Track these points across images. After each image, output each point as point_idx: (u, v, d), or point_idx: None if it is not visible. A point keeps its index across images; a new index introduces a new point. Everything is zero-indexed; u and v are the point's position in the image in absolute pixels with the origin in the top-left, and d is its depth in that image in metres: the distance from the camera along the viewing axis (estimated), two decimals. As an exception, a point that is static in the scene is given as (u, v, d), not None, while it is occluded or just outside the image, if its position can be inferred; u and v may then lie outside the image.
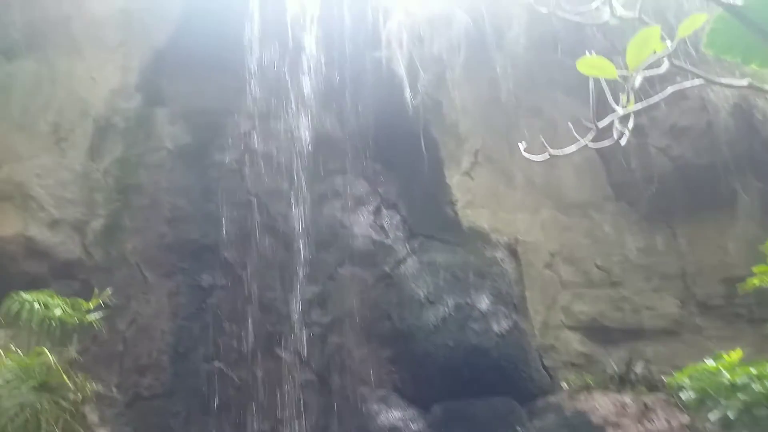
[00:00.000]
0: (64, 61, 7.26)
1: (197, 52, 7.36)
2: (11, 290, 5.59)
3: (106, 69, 7.35)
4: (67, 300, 5.73)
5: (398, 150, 7.53)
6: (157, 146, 7.37)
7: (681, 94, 6.72)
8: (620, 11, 1.70)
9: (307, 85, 7.70)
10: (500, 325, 6.54)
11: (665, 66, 1.70)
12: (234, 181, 7.33)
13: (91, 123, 7.15)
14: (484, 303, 6.65)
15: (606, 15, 1.72)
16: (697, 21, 1.59)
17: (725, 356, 4.72)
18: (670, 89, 2.58)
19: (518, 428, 6.21)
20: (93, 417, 6.20)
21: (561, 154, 2.90)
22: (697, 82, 1.95)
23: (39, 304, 5.46)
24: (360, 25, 7.79)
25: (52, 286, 6.17)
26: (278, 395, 6.46)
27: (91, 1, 7.39)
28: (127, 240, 7.02)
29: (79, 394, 5.39)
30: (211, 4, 7.63)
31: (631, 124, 2.73)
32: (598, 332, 7.10)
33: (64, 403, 5.10)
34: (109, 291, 6.12)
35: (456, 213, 7.40)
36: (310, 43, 7.81)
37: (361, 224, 7.33)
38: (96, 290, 6.02)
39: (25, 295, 5.49)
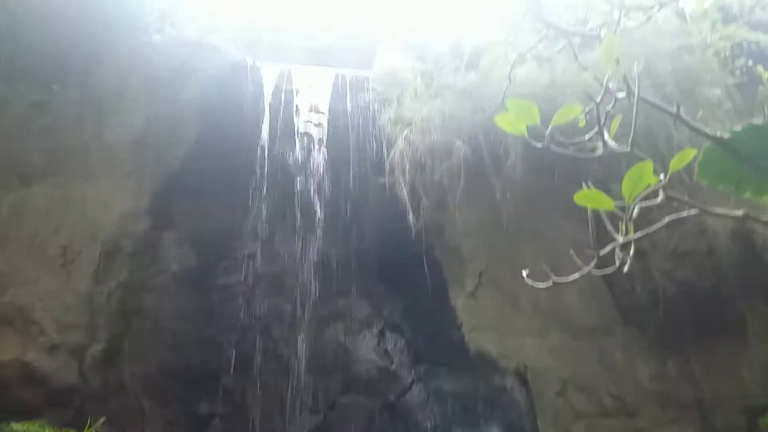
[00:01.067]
0: (79, 187, 7.50)
1: (207, 177, 7.65)
2: (3, 419, 5.38)
3: (119, 194, 7.58)
4: (59, 430, 5.49)
5: (402, 272, 7.55)
6: (163, 269, 7.43)
7: (679, 220, 6.81)
8: (612, 145, 1.78)
9: (312, 209, 7.90)
10: (513, 461, 6.16)
11: (660, 197, 1.75)
12: (237, 304, 7.30)
13: (99, 246, 7.25)
14: (495, 436, 6.32)
15: (599, 149, 1.80)
16: (686, 156, 1.66)
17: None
18: (667, 219, 2.63)
19: None
20: None
21: (565, 281, 2.90)
22: (692, 212, 2.00)
23: (29, 435, 5.23)
24: (364, 154, 8.14)
25: (45, 414, 5.95)
26: None
27: (108, 130, 7.79)
28: (126, 366, 6.87)
29: None
30: (222, 132, 8.03)
31: (632, 252, 2.76)
32: (617, 466, 6.68)
33: None
34: (102, 420, 5.86)
35: (462, 337, 7.27)
36: (317, 168, 8.14)
37: (365, 348, 7.19)
38: (90, 419, 5.77)
39: (16, 426, 5.28)
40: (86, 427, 5.69)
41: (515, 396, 6.86)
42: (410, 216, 7.05)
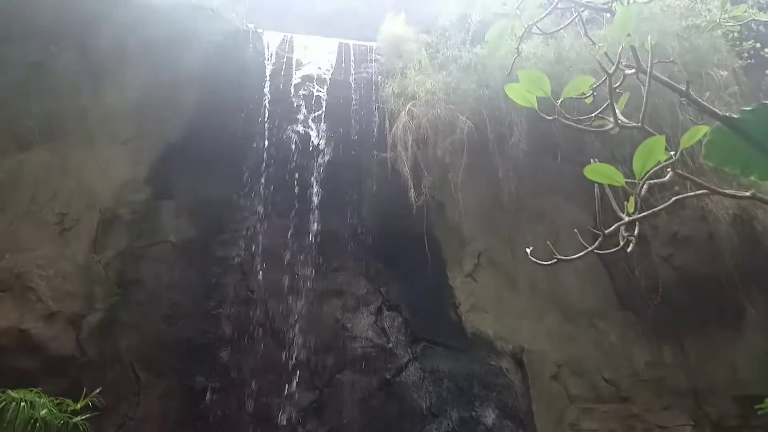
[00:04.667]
0: (77, 153, 7.42)
1: (207, 148, 7.57)
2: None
3: (118, 162, 7.51)
4: (55, 400, 5.49)
5: (401, 250, 7.52)
6: (161, 240, 7.39)
7: (680, 204, 6.79)
8: (623, 120, 1.73)
9: (312, 183, 7.85)
10: (507, 443, 6.17)
11: (669, 175, 1.70)
12: (234, 278, 7.27)
13: (97, 214, 7.20)
14: (489, 417, 6.31)
15: (609, 124, 1.75)
16: (698, 132, 1.61)
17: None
18: (674, 198, 2.59)
19: None
20: None
21: (568, 260, 2.87)
22: (700, 191, 1.95)
23: (25, 403, 5.23)
24: (366, 127, 8.06)
25: (41, 383, 5.93)
26: None
27: (107, 95, 7.69)
28: (122, 336, 6.86)
29: None
30: (223, 102, 7.94)
31: (636, 231, 2.72)
32: (609, 451, 6.71)
33: None
34: (98, 391, 5.87)
35: (459, 317, 7.27)
36: (318, 142, 8.06)
37: (362, 326, 7.17)
38: (86, 390, 5.78)
39: (12, 393, 5.29)
40: (82, 397, 5.70)
41: (511, 378, 6.87)
42: (411, 192, 7.00)
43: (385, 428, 6.41)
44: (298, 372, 6.74)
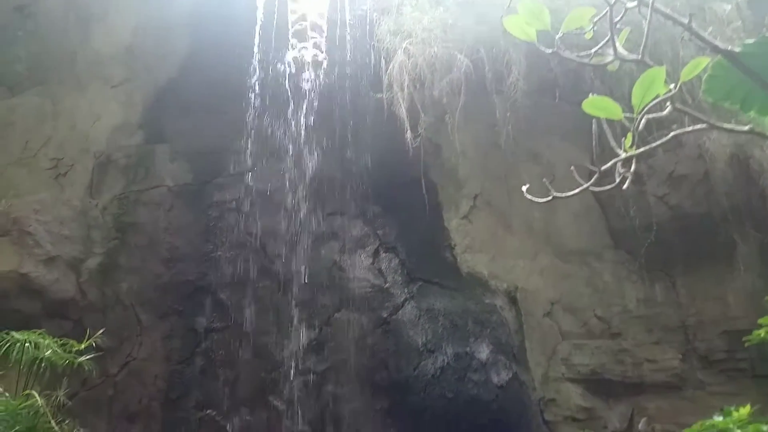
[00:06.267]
0: (68, 97, 7.33)
1: (200, 91, 7.46)
2: (3, 328, 5.47)
3: (110, 106, 7.42)
4: (59, 341, 5.59)
5: (397, 193, 7.53)
6: (157, 184, 7.39)
7: (678, 142, 6.77)
8: (623, 52, 1.71)
9: (307, 126, 7.77)
10: (500, 377, 6.35)
11: (668, 109, 1.69)
12: (232, 221, 7.30)
13: (92, 159, 7.17)
14: (483, 353, 6.47)
15: (609, 57, 1.73)
16: (699, 64, 1.59)
17: (734, 412, 4.55)
18: (673, 133, 2.58)
19: (517, 483, 5.97)
20: (80, 466, 5.99)
21: (564, 196, 2.88)
22: (699, 126, 1.95)
23: (30, 344, 5.31)
24: (363, 67, 7.91)
25: (44, 325, 6.01)
26: (271, 448, 6.27)
27: (96, 38, 7.52)
28: (122, 280, 6.94)
29: (66, 443, 5.18)
30: (215, 44, 7.76)
31: (633, 167, 2.72)
32: (599, 385, 6.94)
33: (50, 452, 4.90)
34: (101, 332, 5.97)
35: (455, 257, 7.36)
36: (312, 83, 7.93)
37: (359, 267, 7.26)
38: (88, 331, 5.88)
39: (16, 335, 5.35)
40: (85, 339, 5.80)
41: (505, 315, 7.02)
42: (408, 134, 6.93)
43: (383, 364, 6.60)
44: (297, 311, 6.87)
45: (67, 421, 5.24)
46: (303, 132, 7.74)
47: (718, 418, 4.48)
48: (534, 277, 7.33)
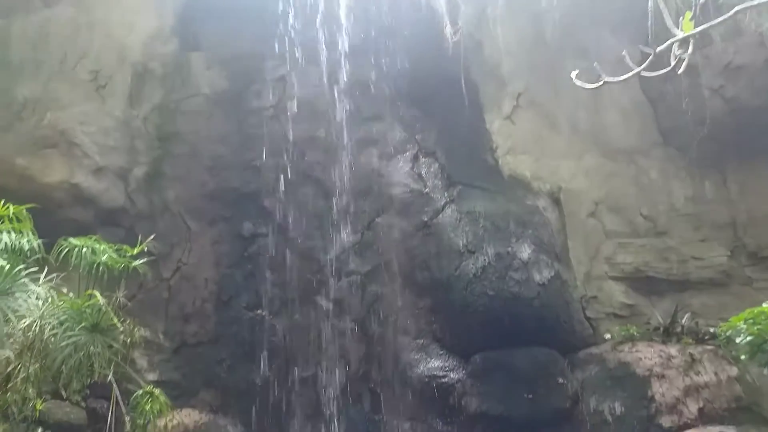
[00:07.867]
0: (101, 7, 7.22)
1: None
2: (60, 236, 5.71)
3: (142, 13, 7.32)
4: (113, 246, 5.81)
5: (436, 95, 7.34)
6: (195, 92, 7.38)
7: (737, 30, 6.31)
8: None
9: (342, 27, 7.53)
10: (542, 275, 6.36)
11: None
12: (271, 128, 7.29)
13: (129, 69, 7.16)
14: (525, 252, 6.45)
15: None
16: None
17: (783, 302, 4.49)
18: (738, 7, 2.38)
19: (559, 379, 6.08)
20: (142, 362, 6.42)
21: (615, 80, 2.73)
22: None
23: (87, 249, 5.55)
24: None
25: (98, 232, 6.26)
26: (319, 343, 6.55)
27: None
28: (168, 188, 7.11)
29: (128, 339, 5.50)
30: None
31: (690, 49, 2.54)
32: (642, 283, 6.92)
33: (115, 345, 5.22)
34: (152, 238, 6.17)
35: (496, 160, 7.24)
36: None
37: (399, 173, 7.23)
38: (140, 237, 6.10)
39: (74, 241, 5.58)
40: (137, 244, 6.00)
41: (547, 216, 6.96)
42: (447, 29, 6.63)
43: (424, 265, 6.70)
44: (339, 216, 6.96)
45: (127, 321, 5.55)
46: (336, 34, 7.52)
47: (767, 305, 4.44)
48: (579, 177, 7.18)
